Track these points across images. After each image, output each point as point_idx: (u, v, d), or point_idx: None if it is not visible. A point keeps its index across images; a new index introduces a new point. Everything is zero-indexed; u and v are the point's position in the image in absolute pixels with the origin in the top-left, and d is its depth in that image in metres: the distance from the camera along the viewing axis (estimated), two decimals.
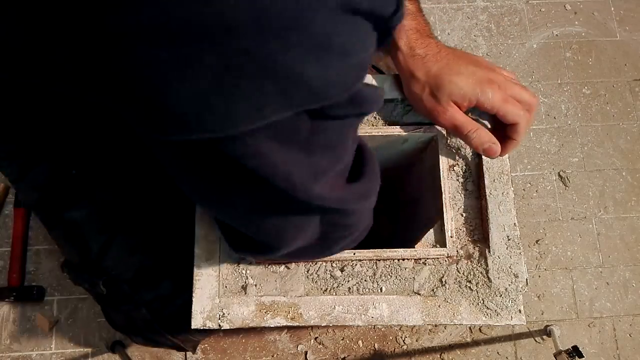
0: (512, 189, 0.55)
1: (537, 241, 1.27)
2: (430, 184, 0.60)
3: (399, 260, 0.53)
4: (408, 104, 0.57)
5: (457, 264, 0.53)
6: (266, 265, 0.53)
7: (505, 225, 0.54)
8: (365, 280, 0.53)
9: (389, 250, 0.53)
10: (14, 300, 1.18)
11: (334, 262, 0.53)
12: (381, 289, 0.53)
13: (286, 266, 0.53)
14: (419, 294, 0.52)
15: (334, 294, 0.52)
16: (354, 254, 0.52)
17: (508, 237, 0.54)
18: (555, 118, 1.36)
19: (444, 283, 0.52)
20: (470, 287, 0.52)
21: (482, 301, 0.52)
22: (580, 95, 1.38)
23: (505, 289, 0.52)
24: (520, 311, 0.52)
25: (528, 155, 1.33)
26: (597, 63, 1.40)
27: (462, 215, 0.56)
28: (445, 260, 0.53)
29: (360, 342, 1.19)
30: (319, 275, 0.53)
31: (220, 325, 0.51)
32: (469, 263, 0.53)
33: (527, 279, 0.52)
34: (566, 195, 1.31)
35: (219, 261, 0.53)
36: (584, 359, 0.98)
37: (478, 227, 0.55)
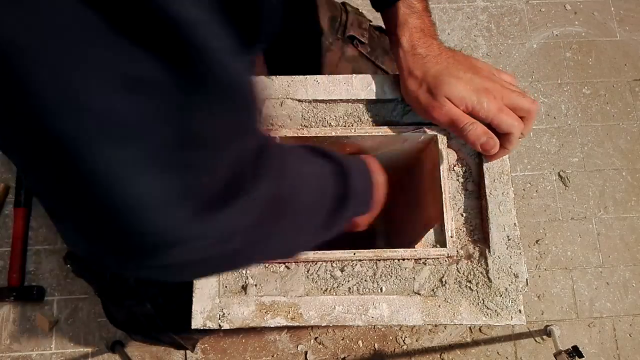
0: (512, 189, 0.55)
1: (537, 241, 1.27)
2: (430, 184, 0.60)
3: (399, 260, 0.53)
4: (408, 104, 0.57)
5: (457, 264, 0.53)
6: (266, 265, 0.53)
7: (505, 225, 0.54)
8: (366, 280, 0.53)
9: (389, 250, 0.53)
10: (14, 300, 1.18)
11: (334, 262, 0.53)
12: (381, 289, 0.53)
13: (286, 266, 0.53)
14: (419, 294, 0.52)
15: (334, 294, 0.52)
16: (354, 254, 0.52)
17: (508, 237, 0.54)
18: (555, 118, 1.36)
19: (444, 283, 0.52)
20: (470, 287, 0.52)
21: (482, 301, 0.52)
22: (580, 95, 1.38)
23: (506, 289, 0.52)
24: (520, 311, 0.52)
25: (528, 155, 1.33)
26: (597, 63, 1.40)
27: (462, 215, 0.56)
28: (446, 260, 0.53)
29: (360, 342, 1.19)
30: (319, 275, 0.53)
31: (220, 325, 0.51)
32: (469, 263, 0.53)
33: (527, 279, 0.52)
34: (566, 195, 1.31)
35: None
36: (584, 359, 0.98)
37: (478, 227, 0.55)
